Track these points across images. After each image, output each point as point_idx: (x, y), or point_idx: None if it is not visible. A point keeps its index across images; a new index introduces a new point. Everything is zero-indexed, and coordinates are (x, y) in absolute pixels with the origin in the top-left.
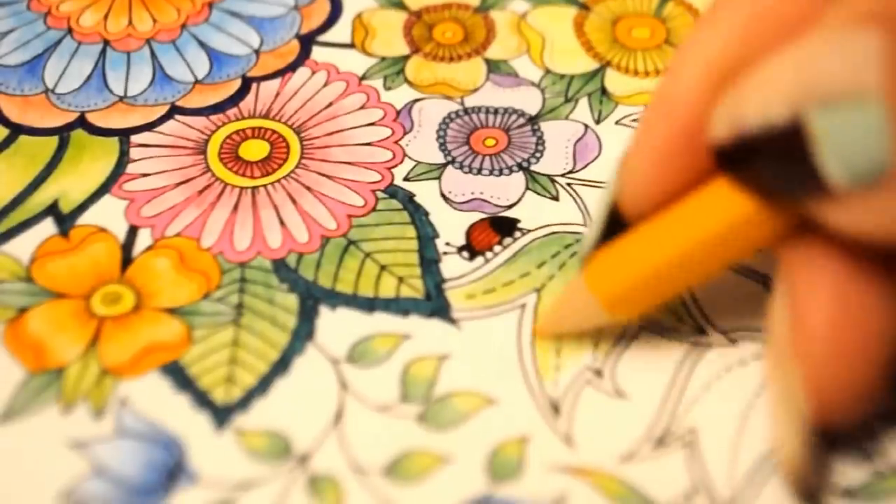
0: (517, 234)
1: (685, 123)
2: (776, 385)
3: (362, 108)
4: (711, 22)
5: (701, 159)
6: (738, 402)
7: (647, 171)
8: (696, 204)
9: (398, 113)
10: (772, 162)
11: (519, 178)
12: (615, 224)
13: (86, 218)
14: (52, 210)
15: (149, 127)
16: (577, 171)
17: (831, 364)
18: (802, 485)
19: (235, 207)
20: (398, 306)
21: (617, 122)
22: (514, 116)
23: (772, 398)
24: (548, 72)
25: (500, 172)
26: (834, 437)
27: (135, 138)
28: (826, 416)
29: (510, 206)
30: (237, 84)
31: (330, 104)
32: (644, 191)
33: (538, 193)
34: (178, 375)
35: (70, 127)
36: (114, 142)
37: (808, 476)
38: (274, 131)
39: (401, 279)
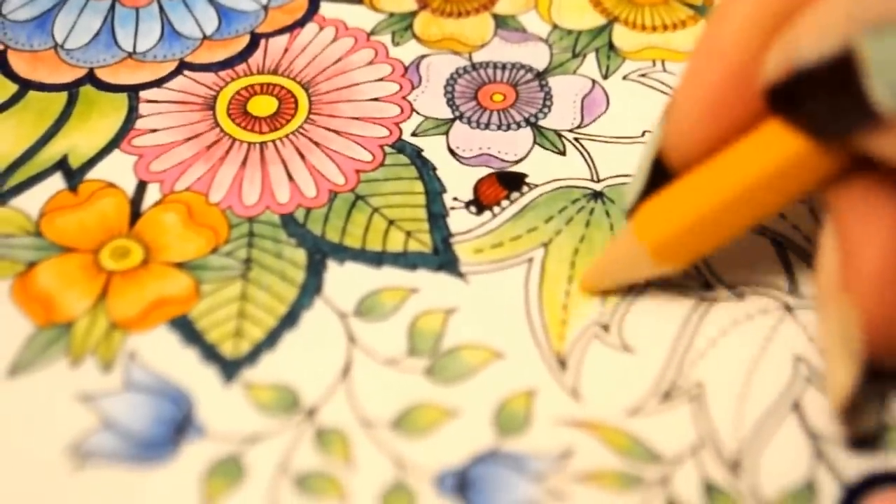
0: (525, 188)
1: (735, 68)
2: (827, 321)
3: (370, 63)
4: None
5: (749, 106)
6: (745, 357)
7: (695, 118)
8: (746, 147)
9: (406, 68)
10: (824, 98)
11: (526, 133)
12: (660, 174)
13: (95, 173)
14: (62, 165)
15: (158, 83)
16: (584, 126)
17: (885, 300)
18: (851, 417)
19: (244, 162)
20: (406, 260)
21: (624, 77)
22: (521, 72)
23: (822, 333)
24: (555, 27)
25: (508, 127)
26: (884, 373)
27: (144, 94)
28: (878, 351)
29: (518, 161)
30: (246, 40)
31: (338, 60)
32: (691, 139)
33: (545, 148)
34: (187, 329)
35: (79, 83)
36: (122, 97)
37: (857, 409)
38: (282, 87)
39: (409, 234)
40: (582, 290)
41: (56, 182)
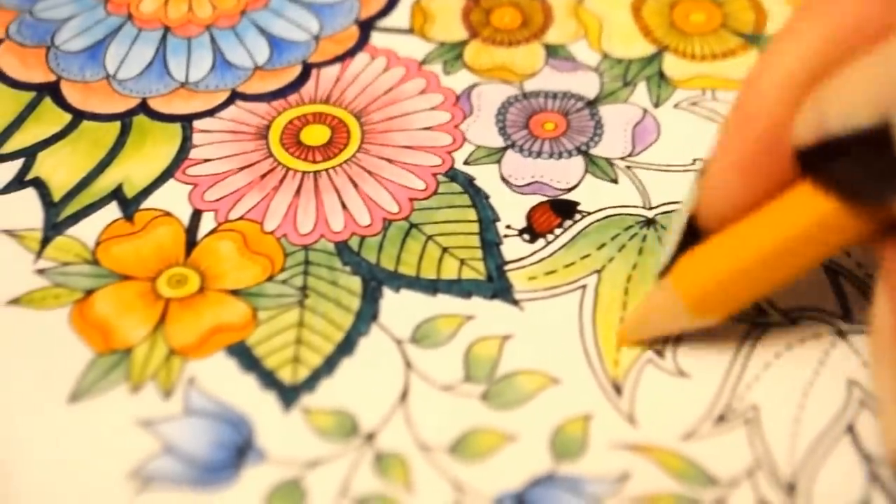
0: (577, 216)
1: (767, 133)
2: (880, 375)
3: (422, 93)
4: (791, 33)
5: (782, 169)
6: (799, 380)
7: (729, 181)
8: (781, 206)
9: (458, 98)
10: (856, 163)
11: (578, 161)
12: (693, 234)
13: (150, 202)
14: (116, 194)
15: (210, 113)
16: (635, 155)
17: None
18: None
19: (298, 191)
20: (460, 288)
21: (675, 106)
22: (572, 101)
23: (878, 391)
24: (605, 56)
25: (560, 156)
26: None
27: (197, 124)
28: None
29: (570, 189)
30: (297, 70)
31: (390, 89)
32: (725, 201)
33: (597, 177)
34: (245, 356)
35: (132, 112)
36: (176, 127)
37: None
38: (334, 116)
39: (462, 261)
40: (619, 343)
41: (112, 211)
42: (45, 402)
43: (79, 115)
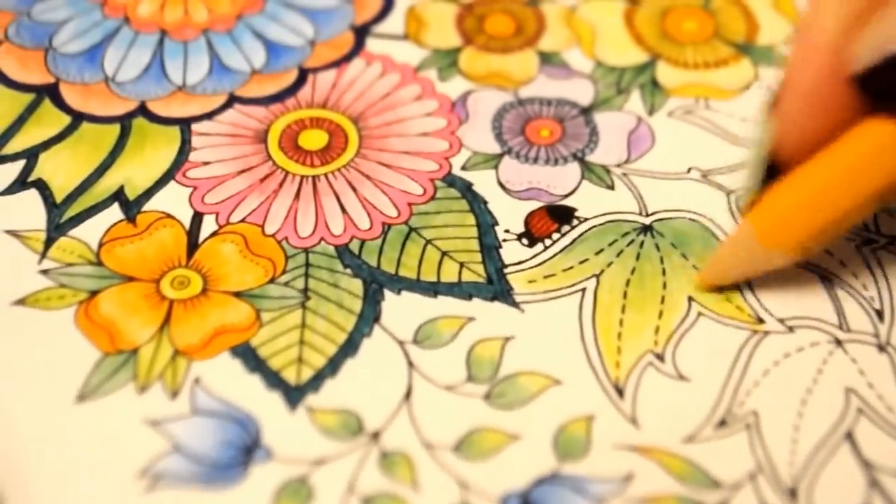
0: (574, 221)
1: (829, 61)
2: None
3: (418, 99)
4: None
5: (848, 98)
6: (798, 387)
7: (798, 112)
8: (846, 135)
9: (453, 104)
10: None
11: (574, 167)
12: (774, 172)
13: (151, 204)
14: (118, 196)
15: (208, 116)
16: (631, 162)
17: None
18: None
19: (297, 195)
20: (461, 290)
21: (669, 115)
22: (567, 107)
23: None
24: (599, 64)
25: (556, 162)
26: None
27: (195, 127)
28: None
29: (567, 195)
30: (294, 74)
31: (386, 95)
32: (797, 133)
33: (593, 183)
34: (249, 357)
35: (131, 115)
36: (175, 130)
37: None
38: (332, 121)
39: (462, 264)
40: (698, 286)
41: (114, 213)
42: (53, 403)
43: (78, 117)
